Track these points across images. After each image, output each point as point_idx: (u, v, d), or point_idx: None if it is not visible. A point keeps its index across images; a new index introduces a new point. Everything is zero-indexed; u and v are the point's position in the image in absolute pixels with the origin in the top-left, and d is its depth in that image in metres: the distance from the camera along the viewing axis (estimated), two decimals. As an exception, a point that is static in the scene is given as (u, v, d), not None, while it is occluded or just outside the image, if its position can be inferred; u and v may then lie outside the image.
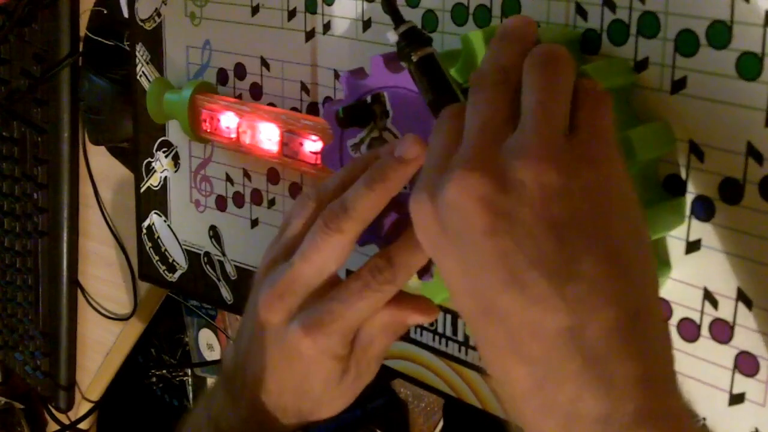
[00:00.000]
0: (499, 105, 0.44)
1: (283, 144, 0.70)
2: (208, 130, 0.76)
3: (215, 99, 0.76)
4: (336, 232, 0.52)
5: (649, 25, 0.52)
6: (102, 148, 1.00)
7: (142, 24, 0.85)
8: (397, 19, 0.52)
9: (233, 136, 0.74)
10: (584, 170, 0.41)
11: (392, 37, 0.52)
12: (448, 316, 0.67)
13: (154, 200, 0.89)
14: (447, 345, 0.68)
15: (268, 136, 0.71)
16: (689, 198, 0.53)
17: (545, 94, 0.43)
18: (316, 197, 0.56)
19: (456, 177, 0.41)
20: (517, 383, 0.41)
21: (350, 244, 0.53)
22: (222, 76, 0.79)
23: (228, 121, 0.74)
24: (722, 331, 0.53)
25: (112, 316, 1.08)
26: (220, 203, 0.82)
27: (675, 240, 0.54)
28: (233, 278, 0.83)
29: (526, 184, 0.40)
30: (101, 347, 1.11)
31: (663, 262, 0.54)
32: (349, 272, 0.56)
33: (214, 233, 0.84)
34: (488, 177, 0.41)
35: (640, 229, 0.43)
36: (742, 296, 0.51)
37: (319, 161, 0.67)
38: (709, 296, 0.53)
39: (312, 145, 0.68)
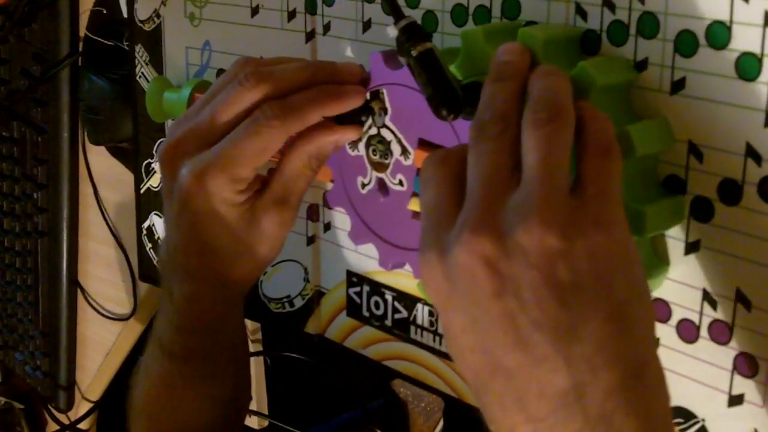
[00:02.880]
0: (502, 158, 0.44)
1: None
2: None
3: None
4: (253, 87, 0.52)
5: (649, 25, 0.52)
6: (102, 148, 1.00)
7: (141, 25, 0.85)
8: (397, 14, 0.52)
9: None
10: (588, 231, 0.41)
11: (392, 32, 0.52)
12: (448, 317, 0.67)
13: (154, 201, 0.89)
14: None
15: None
16: (688, 199, 0.53)
17: (545, 155, 0.43)
18: (244, 61, 0.56)
19: (464, 240, 0.42)
20: None
21: (258, 100, 0.53)
22: (222, 77, 0.79)
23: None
24: (721, 332, 0.53)
25: (112, 316, 1.08)
26: (220, 203, 0.82)
27: (674, 241, 0.54)
28: (233, 278, 0.83)
29: (530, 247, 0.40)
30: (101, 347, 1.11)
31: (662, 261, 0.54)
32: (350, 273, 0.56)
33: (214, 233, 0.84)
34: (495, 240, 0.41)
35: (642, 287, 0.43)
36: (741, 297, 0.51)
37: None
38: (708, 297, 0.53)
39: None
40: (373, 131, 0.59)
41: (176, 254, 0.57)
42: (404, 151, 0.58)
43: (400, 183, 0.59)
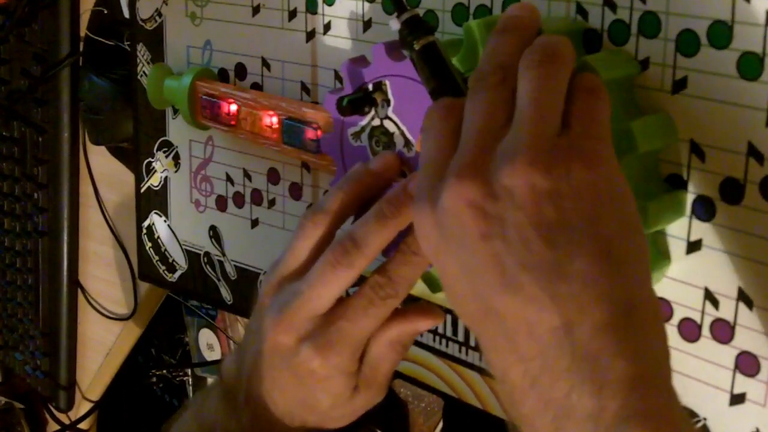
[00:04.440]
0: (498, 107, 0.44)
1: (283, 132, 0.70)
2: (208, 117, 0.76)
3: (216, 85, 0.76)
4: (347, 267, 0.54)
5: (650, 25, 0.52)
6: (102, 148, 1.00)
7: (143, 24, 0.85)
8: (400, 6, 0.52)
9: (233, 123, 0.74)
10: (574, 170, 0.41)
11: (394, 24, 0.52)
12: (449, 317, 0.67)
13: (154, 200, 0.89)
14: (447, 345, 0.68)
15: (267, 123, 0.71)
16: (690, 198, 0.53)
17: (537, 96, 0.43)
18: (320, 221, 0.56)
19: (450, 185, 0.42)
20: (515, 381, 0.42)
21: (358, 276, 0.54)
22: (223, 76, 0.79)
23: (228, 107, 0.74)
24: (723, 331, 0.53)
25: (112, 316, 1.07)
26: (221, 203, 0.82)
27: (676, 240, 0.54)
28: (233, 278, 0.83)
29: (515, 188, 0.41)
30: (101, 347, 1.11)
31: (663, 255, 0.54)
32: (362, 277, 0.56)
33: (214, 233, 0.84)
34: (480, 183, 0.42)
35: (633, 225, 0.43)
36: (742, 296, 0.51)
37: (319, 149, 0.67)
38: (709, 296, 0.53)
39: (312, 132, 0.68)
40: (376, 123, 0.59)
41: (266, 397, 0.59)
42: (407, 143, 0.58)
43: (404, 174, 0.59)
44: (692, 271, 0.53)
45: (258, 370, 0.58)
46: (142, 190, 0.90)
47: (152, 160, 0.88)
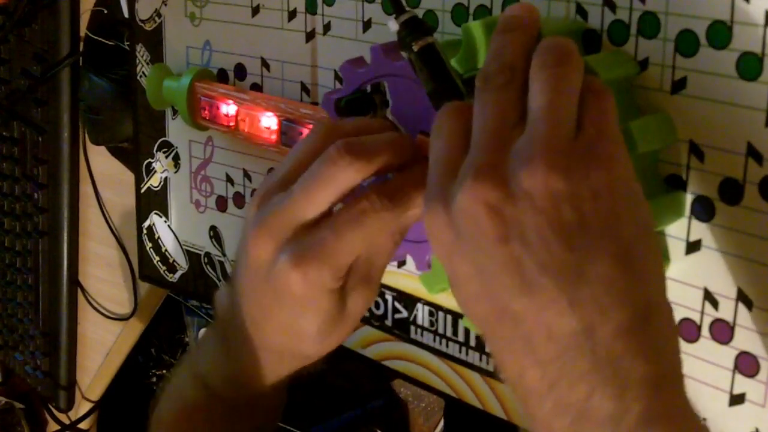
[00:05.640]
0: (508, 108, 0.44)
1: (282, 133, 0.70)
2: (207, 117, 0.76)
3: (215, 86, 0.76)
4: (349, 166, 0.49)
5: (650, 25, 0.52)
6: (102, 148, 1.00)
7: (142, 24, 0.85)
8: (399, 7, 0.52)
9: (232, 124, 0.74)
10: (591, 172, 0.41)
11: (393, 25, 0.52)
12: (449, 317, 0.67)
13: (154, 201, 0.89)
14: (447, 345, 0.68)
15: (266, 124, 0.71)
16: (689, 198, 0.53)
17: (552, 97, 0.43)
18: (335, 131, 0.52)
19: (467, 186, 0.42)
20: (531, 384, 0.42)
21: (355, 183, 0.50)
22: (222, 77, 0.79)
23: (227, 108, 0.74)
24: (722, 332, 0.53)
25: (112, 316, 1.08)
26: (221, 204, 0.82)
27: (675, 240, 0.54)
28: (233, 278, 0.83)
29: (534, 191, 0.41)
30: (101, 347, 1.11)
31: (662, 256, 0.54)
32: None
33: (215, 233, 0.84)
34: (498, 185, 0.41)
35: (648, 227, 0.43)
36: (742, 297, 0.51)
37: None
38: (709, 297, 0.53)
39: None
40: None
41: (253, 328, 0.56)
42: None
43: None
44: (691, 271, 0.53)
45: (244, 294, 0.55)
46: (142, 191, 0.90)
47: (152, 160, 0.88)
